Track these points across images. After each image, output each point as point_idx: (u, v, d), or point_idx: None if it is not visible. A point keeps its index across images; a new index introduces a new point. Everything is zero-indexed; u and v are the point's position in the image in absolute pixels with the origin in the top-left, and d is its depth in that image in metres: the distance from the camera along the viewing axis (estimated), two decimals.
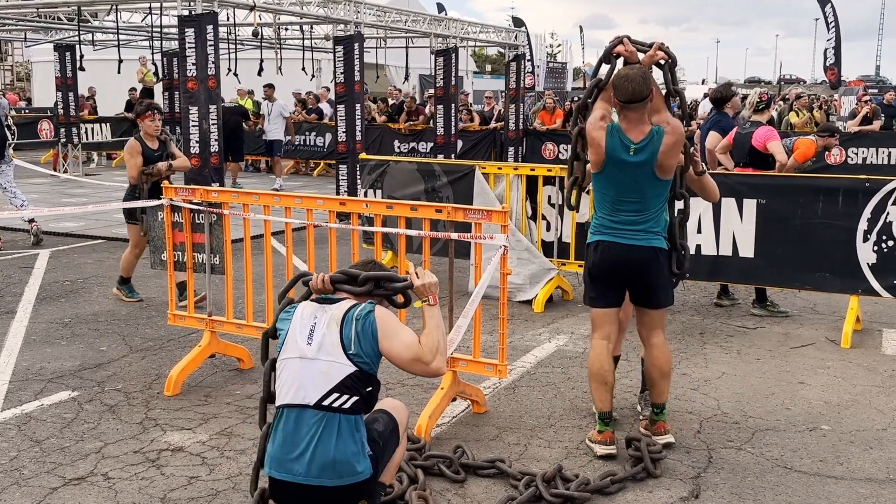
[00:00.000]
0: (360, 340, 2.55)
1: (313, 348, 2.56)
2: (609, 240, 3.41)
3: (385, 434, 2.69)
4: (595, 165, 3.41)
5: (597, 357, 3.48)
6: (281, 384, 2.60)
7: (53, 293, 6.27)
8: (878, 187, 5.10)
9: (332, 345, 2.55)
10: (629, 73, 3.29)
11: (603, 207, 3.45)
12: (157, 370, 4.53)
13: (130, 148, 5.71)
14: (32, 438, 3.62)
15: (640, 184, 3.33)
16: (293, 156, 15.12)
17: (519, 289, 5.97)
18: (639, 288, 3.49)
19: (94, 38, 13.24)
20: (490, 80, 34.62)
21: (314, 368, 2.55)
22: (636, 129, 3.29)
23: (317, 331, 2.58)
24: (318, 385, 2.53)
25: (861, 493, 3.18)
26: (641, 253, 3.39)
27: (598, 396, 3.50)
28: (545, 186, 6.21)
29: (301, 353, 2.57)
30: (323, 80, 17.35)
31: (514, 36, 14.08)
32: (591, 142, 3.37)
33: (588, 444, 3.54)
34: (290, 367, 2.59)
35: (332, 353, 2.54)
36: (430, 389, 4.03)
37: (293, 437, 2.53)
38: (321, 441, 2.49)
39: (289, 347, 2.60)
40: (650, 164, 3.29)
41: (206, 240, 4.35)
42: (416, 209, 3.85)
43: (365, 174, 6.85)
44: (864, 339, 5.21)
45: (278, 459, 2.55)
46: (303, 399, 2.54)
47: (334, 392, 2.52)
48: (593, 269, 3.48)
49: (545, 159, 13.41)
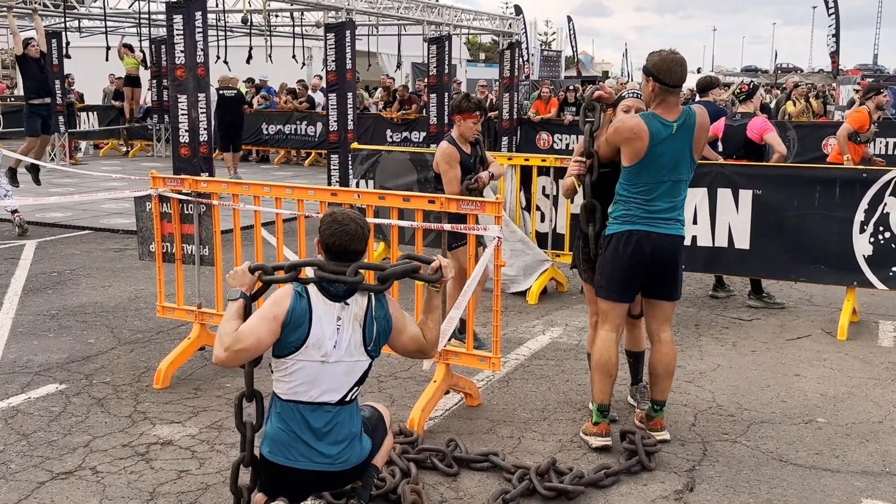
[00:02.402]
0: (379, 339, 2.59)
1: (339, 351, 2.53)
2: (644, 229, 3.36)
3: (373, 420, 2.74)
4: (634, 157, 3.35)
5: (606, 349, 3.46)
6: (296, 383, 2.53)
7: (40, 284, 6.18)
8: (876, 178, 5.07)
9: (355, 345, 2.55)
10: (677, 58, 3.35)
11: (634, 198, 3.38)
12: (145, 363, 4.47)
13: (448, 155, 4.47)
14: (19, 432, 3.57)
15: (679, 164, 3.37)
16: (284, 145, 15.00)
17: (513, 280, 5.93)
18: (664, 279, 3.46)
19: (80, 24, 13.04)
20: (483, 69, 34.42)
21: (338, 370, 2.53)
22: (672, 112, 3.36)
23: (343, 333, 2.52)
24: (342, 384, 2.55)
25: (857, 486, 3.17)
26: (674, 242, 3.41)
27: (600, 388, 3.48)
28: (539, 177, 6.17)
29: (325, 357, 2.52)
30: (314, 69, 17.20)
31: (509, 24, 13.98)
32: (632, 134, 3.32)
33: (582, 437, 3.52)
34: (311, 370, 2.53)
35: (354, 354, 2.55)
36: (422, 382, 3.99)
37: (306, 430, 2.53)
38: (339, 429, 2.54)
39: (311, 350, 2.50)
40: (689, 140, 3.37)
41: (196, 231, 4.28)
42: (409, 200, 3.80)
43: (357, 164, 6.78)
44: (861, 331, 5.20)
45: (287, 448, 2.53)
46: (324, 398, 2.54)
47: (354, 387, 2.58)
48: (621, 260, 3.39)
49: (539, 149, 13.35)
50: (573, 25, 26.80)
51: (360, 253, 2.53)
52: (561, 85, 20.81)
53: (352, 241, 2.50)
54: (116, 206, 9.20)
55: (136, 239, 4.90)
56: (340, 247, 2.50)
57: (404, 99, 14.72)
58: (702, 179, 5.42)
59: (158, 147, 15.33)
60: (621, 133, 3.36)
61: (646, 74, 3.36)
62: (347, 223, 2.50)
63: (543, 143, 13.77)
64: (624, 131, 3.35)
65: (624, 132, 3.35)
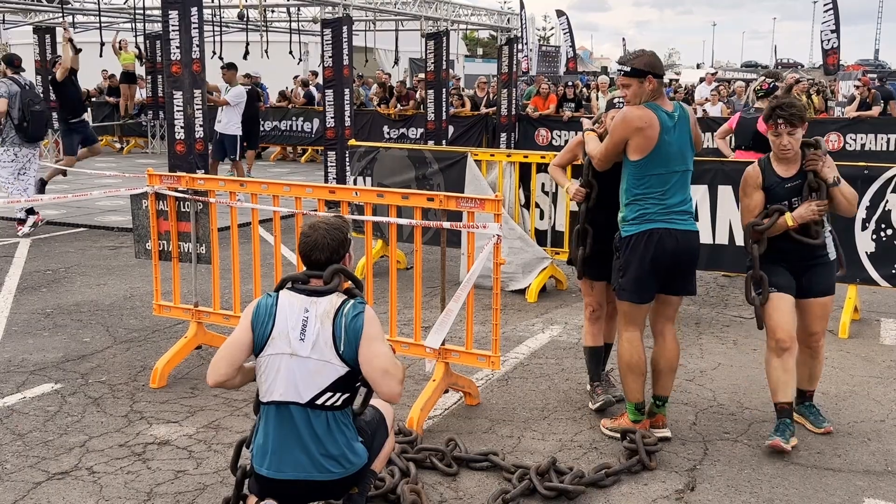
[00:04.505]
0: (348, 340, 2.51)
1: (306, 345, 2.49)
2: (664, 227, 3.34)
3: (373, 424, 2.70)
4: (644, 148, 3.33)
5: (635, 350, 3.46)
6: (269, 381, 2.52)
7: (35, 283, 6.13)
8: (877, 175, 5.06)
9: (325, 342, 2.50)
10: (654, 53, 3.45)
11: (649, 195, 3.35)
12: (142, 362, 4.44)
13: (747, 180, 3.47)
14: (15, 432, 3.54)
15: (686, 153, 3.42)
16: (280, 142, 14.93)
17: (512, 278, 5.90)
18: (682, 275, 3.46)
19: (74, 20, 12.94)
20: (481, 64, 34.36)
21: (306, 368, 2.49)
22: (667, 104, 3.45)
23: (309, 326, 2.50)
24: (311, 385, 2.50)
25: (858, 486, 3.15)
26: (693, 238, 3.43)
27: (635, 388, 3.49)
28: (539, 174, 6.13)
29: (293, 350, 2.50)
30: (310, 64, 17.13)
31: (507, 19, 13.92)
32: (642, 123, 3.31)
33: (606, 431, 3.54)
34: (279, 364, 2.51)
35: (324, 353, 2.50)
36: (421, 381, 3.96)
37: (285, 435, 2.49)
38: (315, 437, 2.48)
39: (278, 342, 2.51)
40: (688, 130, 3.44)
41: (192, 228, 4.25)
42: (408, 197, 3.77)
43: (354, 161, 6.74)
44: (862, 329, 5.18)
45: (271, 458, 2.50)
46: (294, 397, 2.49)
47: (327, 392, 2.50)
48: (644, 261, 3.35)
49: (538, 145, 13.30)
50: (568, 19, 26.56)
51: (323, 262, 2.59)
52: (559, 80, 20.75)
53: (313, 251, 2.58)
54: (111, 204, 9.15)
55: (131, 236, 4.86)
56: (304, 256, 2.62)
57: (401, 95, 14.66)
58: (703, 176, 5.41)
59: (153, 144, 15.25)
60: (631, 122, 3.32)
61: (642, 75, 3.33)
62: (312, 234, 2.60)
63: (542, 139, 13.73)
64: (634, 120, 3.32)
65: (634, 121, 3.32)
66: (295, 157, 15.26)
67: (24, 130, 7.59)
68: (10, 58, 7.94)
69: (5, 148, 7.63)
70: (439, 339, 3.59)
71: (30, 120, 7.54)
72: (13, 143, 7.62)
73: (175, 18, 7.54)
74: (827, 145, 12.73)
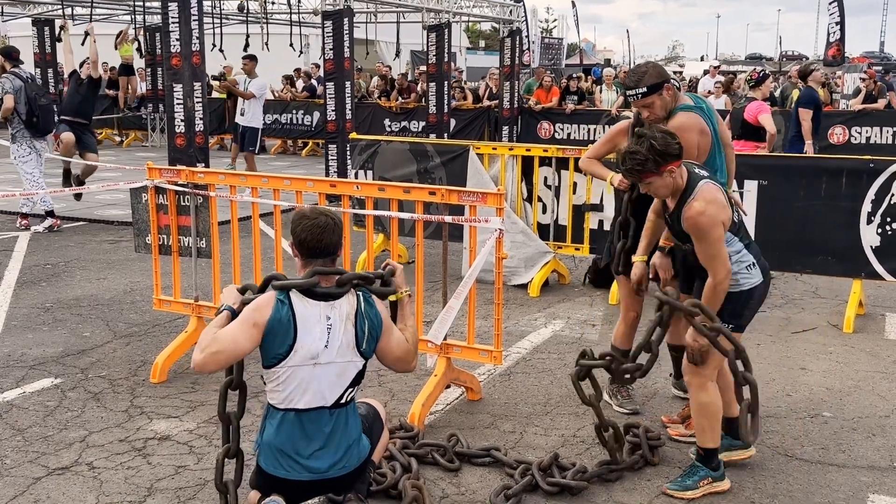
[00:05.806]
0: (371, 336, 2.53)
1: (331, 352, 2.47)
2: None
3: (370, 416, 2.71)
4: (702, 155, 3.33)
5: None
6: (288, 390, 2.48)
7: (34, 277, 6.11)
8: (883, 168, 5.01)
9: (348, 344, 2.49)
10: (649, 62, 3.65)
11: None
12: (142, 357, 4.42)
13: None
14: (14, 427, 3.53)
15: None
16: (280, 135, 14.87)
17: (514, 272, 5.87)
18: None
19: (73, 12, 12.87)
20: (483, 56, 34.17)
21: (331, 372, 2.48)
22: (686, 99, 3.49)
23: (334, 332, 2.46)
24: (336, 386, 2.50)
25: (863, 482, 3.13)
26: None
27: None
28: (541, 167, 6.09)
29: (318, 360, 2.46)
30: (311, 57, 17.04)
31: (510, 11, 13.82)
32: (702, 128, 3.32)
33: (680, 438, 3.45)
34: (302, 374, 2.47)
35: (346, 354, 2.49)
36: (423, 376, 3.94)
37: (307, 437, 2.48)
38: (338, 434, 2.50)
39: (300, 354, 2.44)
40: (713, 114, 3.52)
41: (192, 222, 4.22)
42: (409, 191, 3.75)
43: (356, 154, 6.69)
44: (867, 324, 5.15)
45: (289, 461, 2.49)
46: (320, 402, 2.49)
47: (348, 388, 2.53)
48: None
49: (540, 139, 13.24)
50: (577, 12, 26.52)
51: (336, 245, 2.46)
52: (563, 73, 20.65)
53: (324, 234, 2.42)
54: (111, 198, 9.12)
55: (131, 230, 4.83)
56: (314, 241, 2.43)
57: (403, 88, 14.59)
58: None
59: (153, 137, 15.19)
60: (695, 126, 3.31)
61: (659, 88, 3.31)
62: (316, 217, 2.44)
63: (545, 132, 13.66)
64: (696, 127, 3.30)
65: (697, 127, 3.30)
66: (296, 151, 15.21)
67: (35, 126, 7.54)
68: (9, 50, 7.85)
69: (18, 143, 7.59)
70: (441, 335, 3.57)
71: (38, 115, 7.49)
72: (24, 137, 7.58)
73: (175, 10, 7.49)
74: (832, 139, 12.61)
